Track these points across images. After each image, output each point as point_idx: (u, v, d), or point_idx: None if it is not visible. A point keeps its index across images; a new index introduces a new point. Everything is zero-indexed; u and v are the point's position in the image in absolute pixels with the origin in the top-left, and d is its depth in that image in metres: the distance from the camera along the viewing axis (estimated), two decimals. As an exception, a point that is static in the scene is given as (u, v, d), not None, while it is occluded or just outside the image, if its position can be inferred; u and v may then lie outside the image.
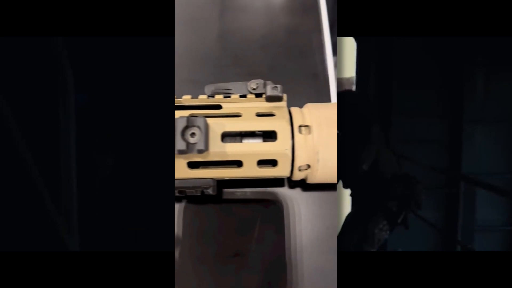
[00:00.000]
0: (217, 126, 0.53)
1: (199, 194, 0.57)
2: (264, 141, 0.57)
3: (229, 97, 0.59)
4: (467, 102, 1.47)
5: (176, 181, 0.55)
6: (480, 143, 1.48)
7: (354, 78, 1.53)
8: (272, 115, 0.56)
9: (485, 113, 1.48)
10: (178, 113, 0.55)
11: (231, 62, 0.76)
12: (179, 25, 0.79)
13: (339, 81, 1.61)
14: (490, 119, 1.48)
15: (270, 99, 0.57)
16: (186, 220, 0.64)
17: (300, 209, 0.64)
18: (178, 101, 0.58)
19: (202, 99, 0.59)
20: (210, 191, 0.55)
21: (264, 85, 0.58)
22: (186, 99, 0.58)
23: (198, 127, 0.51)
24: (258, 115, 0.56)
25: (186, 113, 0.56)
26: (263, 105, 0.58)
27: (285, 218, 0.64)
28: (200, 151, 0.51)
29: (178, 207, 0.65)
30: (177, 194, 0.56)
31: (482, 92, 1.47)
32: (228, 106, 0.58)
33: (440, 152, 1.52)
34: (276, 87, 0.57)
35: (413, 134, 1.49)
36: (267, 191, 0.65)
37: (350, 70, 1.60)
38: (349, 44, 1.63)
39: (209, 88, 0.60)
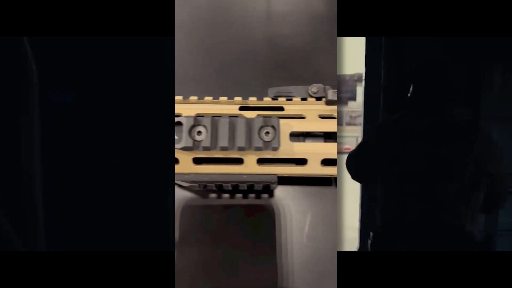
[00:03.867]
0: (286, 126, 0.58)
1: (260, 188, 0.61)
2: (324, 141, 0.61)
3: (291, 99, 0.63)
4: (483, 99, 1.39)
5: (244, 176, 0.59)
6: (497, 141, 1.41)
7: (363, 75, 1.53)
8: (334, 117, 0.60)
9: (502, 110, 1.40)
10: (248, 114, 0.60)
11: (276, 67, 0.81)
12: (227, 30, 0.85)
13: (341, 79, 1.60)
14: (507, 116, 1.41)
15: (330, 102, 0.62)
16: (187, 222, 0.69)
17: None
18: (244, 102, 0.62)
19: (267, 101, 0.63)
20: (275, 186, 0.60)
21: (324, 90, 0.63)
22: (252, 101, 0.63)
23: (273, 126, 0.56)
24: (321, 117, 0.60)
25: (254, 114, 0.60)
26: (323, 108, 0.62)
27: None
28: (275, 149, 0.56)
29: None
30: (244, 188, 0.60)
31: (499, 89, 1.39)
32: (290, 108, 0.62)
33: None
34: (335, 91, 0.62)
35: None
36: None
37: (352, 68, 1.62)
38: (351, 42, 1.63)
39: (272, 91, 0.65)
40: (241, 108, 0.62)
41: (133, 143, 0.59)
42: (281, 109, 0.62)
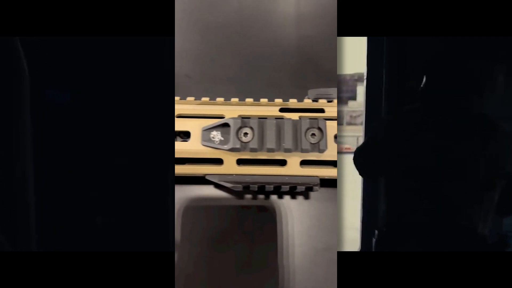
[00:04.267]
0: (330, 128, 0.58)
1: (303, 190, 0.61)
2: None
3: (331, 101, 0.64)
4: (486, 98, 1.36)
5: (286, 177, 0.60)
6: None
7: (364, 75, 1.53)
8: None
9: (506, 110, 1.39)
10: (289, 115, 0.60)
11: (309, 69, 0.81)
12: (257, 32, 0.85)
13: (342, 78, 1.59)
14: (508, 116, 1.39)
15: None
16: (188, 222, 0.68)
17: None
18: (285, 104, 0.63)
19: (308, 102, 0.63)
20: (317, 188, 0.60)
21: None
22: (293, 102, 0.63)
23: (319, 128, 0.57)
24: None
25: (295, 115, 0.61)
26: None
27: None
28: (321, 151, 0.56)
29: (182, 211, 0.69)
30: (286, 189, 0.60)
31: (502, 88, 1.38)
32: (331, 110, 0.63)
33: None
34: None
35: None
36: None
37: (352, 67, 1.61)
38: (351, 41, 1.62)
39: (312, 93, 0.65)
40: (282, 110, 0.62)
41: (133, 143, 0.59)
42: (322, 111, 0.63)
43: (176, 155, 0.59)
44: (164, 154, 0.58)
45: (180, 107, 0.62)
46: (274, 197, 0.69)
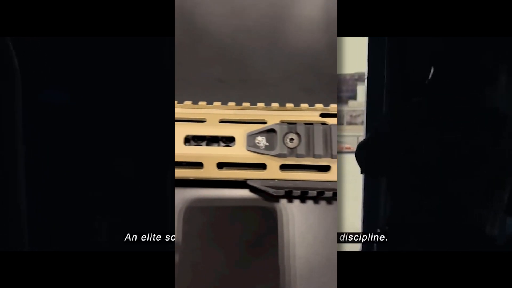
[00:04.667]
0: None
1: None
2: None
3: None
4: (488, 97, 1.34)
5: (329, 183, 0.60)
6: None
7: (364, 74, 1.53)
8: None
9: (508, 109, 1.37)
10: (330, 121, 0.60)
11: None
12: (290, 35, 0.85)
13: (342, 78, 1.58)
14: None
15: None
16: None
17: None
18: (326, 109, 0.63)
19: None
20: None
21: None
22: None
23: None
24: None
25: (336, 121, 0.61)
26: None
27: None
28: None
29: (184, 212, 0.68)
30: (329, 195, 0.60)
31: (504, 87, 1.39)
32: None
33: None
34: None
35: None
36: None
37: (352, 67, 1.61)
38: (352, 41, 1.63)
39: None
40: (322, 115, 0.62)
41: (133, 143, 0.59)
42: (362, 116, 0.63)
43: (221, 160, 0.58)
44: (163, 153, 0.58)
45: (221, 112, 0.61)
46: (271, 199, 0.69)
